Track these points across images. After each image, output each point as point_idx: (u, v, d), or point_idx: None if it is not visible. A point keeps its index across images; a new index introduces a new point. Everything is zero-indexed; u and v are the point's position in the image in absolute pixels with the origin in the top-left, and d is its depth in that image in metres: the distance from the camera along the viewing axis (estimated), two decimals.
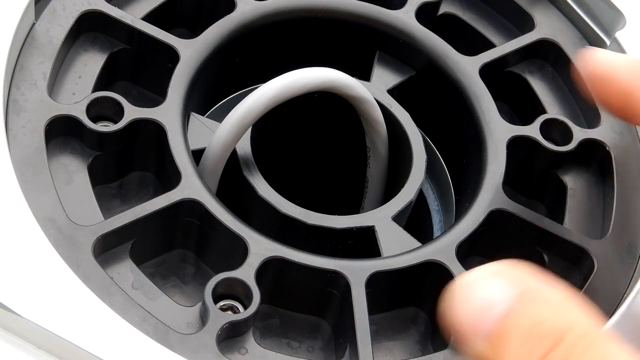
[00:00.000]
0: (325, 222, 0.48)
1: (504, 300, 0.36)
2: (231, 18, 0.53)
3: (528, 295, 0.36)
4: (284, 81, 0.48)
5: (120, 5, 0.52)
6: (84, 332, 0.39)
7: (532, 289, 0.36)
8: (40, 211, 0.43)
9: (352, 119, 0.53)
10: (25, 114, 0.46)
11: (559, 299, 0.36)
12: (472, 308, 0.36)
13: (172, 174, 0.46)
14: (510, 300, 0.35)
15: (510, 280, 0.36)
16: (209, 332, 0.41)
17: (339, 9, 0.55)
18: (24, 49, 0.48)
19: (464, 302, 0.36)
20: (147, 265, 0.46)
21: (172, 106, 0.48)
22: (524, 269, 0.37)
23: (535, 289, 0.36)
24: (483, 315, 0.36)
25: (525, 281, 0.36)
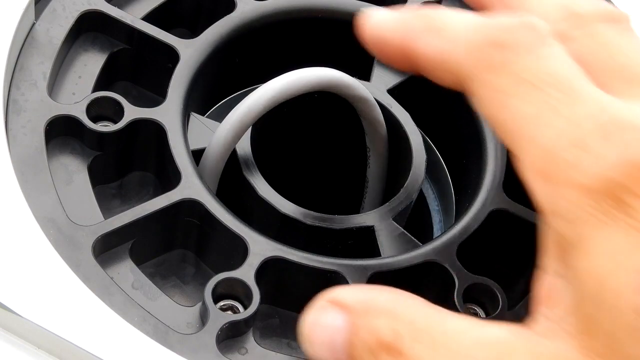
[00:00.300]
0: (325, 222, 0.48)
1: (342, 327, 0.37)
2: (231, 18, 0.53)
3: (358, 312, 0.37)
4: (284, 81, 0.48)
5: (120, 5, 0.52)
6: (84, 332, 0.39)
7: (360, 304, 0.37)
8: (40, 211, 0.43)
9: (352, 119, 0.53)
10: (25, 114, 0.46)
11: (384, 302, 0.37)
12: (323, 347, 0.38)
13: (172, 174, 0.46)
14: (346, 324, 0.37)
15: (340, 305, 0.37)
16: (209, 332, 0.41)
17: (339, 9, 0.55)
18: (24, 49, 0.48)
19: (313, 345, 0.38)
20: (147, 265, 0.46)
21: (172, 106, 0.48)
22: (347, 289, 0.38)
23: (361, 302, 0.37)
24: (334, 351, 0.37)
25: (352, 299, 0.37)
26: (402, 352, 0.35)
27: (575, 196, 0.33)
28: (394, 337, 0.36)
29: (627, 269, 0.32)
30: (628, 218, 0.32)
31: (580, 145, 0.34)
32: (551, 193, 0.34)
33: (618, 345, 0.32)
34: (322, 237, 0.48)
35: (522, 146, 0.36)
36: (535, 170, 0.35)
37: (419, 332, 0.35)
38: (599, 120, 0.34)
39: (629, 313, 0.32)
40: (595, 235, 0.33)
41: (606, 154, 0.33)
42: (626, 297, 0.32)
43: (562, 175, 0.34)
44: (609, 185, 0.33)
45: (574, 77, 0.36)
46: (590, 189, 0.33)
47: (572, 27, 0.38)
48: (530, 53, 0.36)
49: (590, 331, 0.33)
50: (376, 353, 0.36)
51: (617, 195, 0.32)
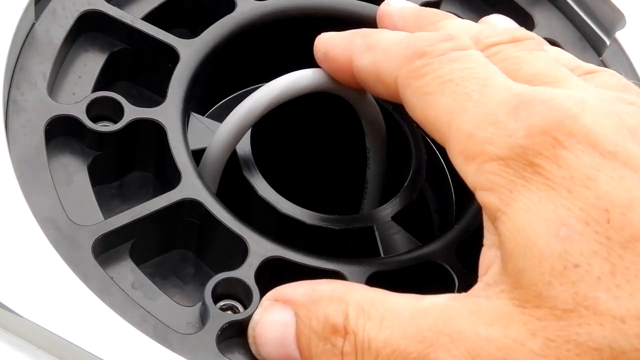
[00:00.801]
0: (325, 222, 0.48)
1: (290, 322, 0.40)
2: (231, 18, 0.53)
3: (304, 304, 0.40)
4: (285, 82, 0.48)
5: (120, 5, 0.52)
6: (83, 332, 0.39)
7: (304, 296, 0.40)
8: (40, 211, 0.43)
9: (352, 119, 0.53)
10: (25, 114, 0.46)
11: (329, 291, 0.40)
12: (272, 346, 0.40)
13: (172, 174, 0.46)
14: (293, 318, 0.40)
15: (284, 301, 0.40)
16: (209, 332, 0.41)
17: (339, 8, 0.55)
18: (23, 49, 0.48)
19: (264, 345, 0.40)
20: (147, 265, 0.46)
21: (172, 106, 0.48)
22: (288, 286, 0.41)
23: (305, 295, 0.40)
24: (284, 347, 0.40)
25: (294, 293, 0.40)
26: (354, 331, 0.38)
27: (493, 167, 0.37)
28: (345, 320, 0.38)
29: (544, 220, 0.35)
30: (540, 177, 0.36)
31: (494, 123, 0.38)
32: (474, 170, 0.38)
33: (547, 291, 0.35)
34: (322, 237, 0.48)
35: (448, 136, 0.40)
36: (459, 154, 0.39)
37: (367, 311, 0.38)
38: (509, 101, 0.38)
39: (553, 258, 0.35)
40: (514, 197, 0.37)
41: (516, 126, 0.37)
42: (547, 245, 0.35)
43: (480, 152, 0.38)
44: (520, 152, 0.37)
45: (488, 71, 0.40)
46: (504, 157, 0.37)
47: (485, 53, 0.42)
48: (450, 57, 0.41)
49: (520, 284, 0.36)
50: (328, 338, 0.38)
51: (528, 159, 0.36)
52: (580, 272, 0.35)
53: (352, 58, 0.46)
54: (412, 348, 0.37)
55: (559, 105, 0.37)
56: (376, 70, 0.44)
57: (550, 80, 0.41)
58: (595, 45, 0.57)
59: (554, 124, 0.37)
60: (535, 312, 0.35)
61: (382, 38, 0.45)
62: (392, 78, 0.43)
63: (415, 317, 0.38)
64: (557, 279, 0.35)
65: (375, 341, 0.37)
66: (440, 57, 0.41)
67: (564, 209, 0.36)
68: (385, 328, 0.38)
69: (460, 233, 0.48)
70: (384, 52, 0.44)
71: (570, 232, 0.35)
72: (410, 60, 0.42)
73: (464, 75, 0.40)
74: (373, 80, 0.45)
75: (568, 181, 0.36)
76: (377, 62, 0.44)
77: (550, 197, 0.36)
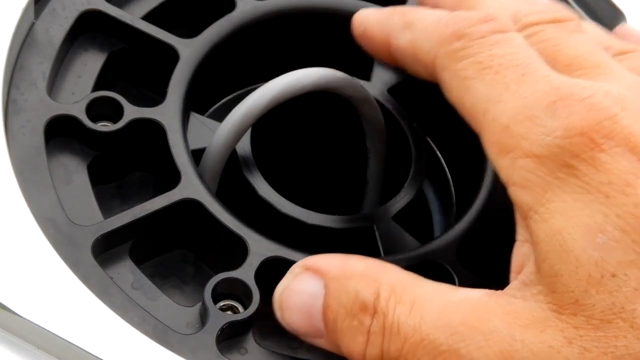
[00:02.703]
0: (325, 222, 0.48)
1: (319, 292, 0.40)
2: (231, 18, 0.53)
3: (335, 276, 0.40)
4: (285, 81, 0.48)
5: (120, 5, 0.52)
6: (83, 332, 0.39)
7: (336, 269, 0.40)
8: (40, 211, 0.43)
9: (352, 119, 0.53)
10: (25, 113, 0.46)
11: (362, 267, 0.40)
12: (297, 313, 0.40)
13: (172, 174, 0.46)
14: (323, 289, 0.39)
15: (315, 271, 0.40)
16: (209, 332, 0.41)
17: (339, 8, 0.55)
18: (23, 49, 0.48)
19: (288, 311, 0.41)
20: (147, 265, 0.46)
21: (172, 106, 0.48)
22: (321, 256, 0.41)
23: (338, 267, 0.40)
24: (309, 316, 0.40)
25: (327, 265, 0.40)
26: (384, 312, 0.38)
27: (527, 164, 0.37)
28: (375, 299, 0.38)
29: (580, 224, 0.35)
30: (576, 180, 0.35)
31: (531, 117, 0.37)
32: (509, 165, 0.38)
33: (584, 299, 0.35)
34: (323, 236, 0.48)
35: (483, 124, 0.39)
36: (494, 145, 0.39)
37: (399, 294, 0.38)
38: (547, 95, 0.37)
39: (589, 265, 0.35)
40: (548, 198, 0.36)
41: (553, 124, 0.36)
42: (583, 251, 0.35)
43: (515, 146, 0.37)
44: (557, 152, 0.36)
45: (528, 59, 0.39)
46: (539, 156, 0.36)
47: (523, 33, 0.42)
48: (490, 41, 0.40)
49: (554, 287, 0.35)
50: (356, 315, 0.38)
51: (565, 160, 0.36)
52: (618, 282, 0.34)
53: (389, 36, 0.45)
54: (443, 340, 0.36)
55: (597, 104, 0.36)
56: (414, 49, 0.44)
57: (590, 66, 0.40)
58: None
59: (592, 125, 0.36)
60: (571, 319, 0.35)
61: (420, 16, 0.44)
62: (430, 58, 0.42)
63: (447, 308, 0.37)
64: (594, 287, 0.35)
65: (405, 326, 0.37)
66: (479, 40, 0.40)
67: (601, 214, 0.35)
68: (416, 314, 0.37)
69: (460, 233, 0.48)
70: (422, 31, 0.43)
71: (608, 239, 0.35)
72: (448, 41, 0.41)
73: (504, 62, 0.39)
74: (411, 60, 0.44)
75: (605, 186, 0.35)
76: (415, 40, 0.43)
77: (587, 201, 0.35)
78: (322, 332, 0.40)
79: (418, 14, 0.45)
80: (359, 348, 0.38)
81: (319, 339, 0.40)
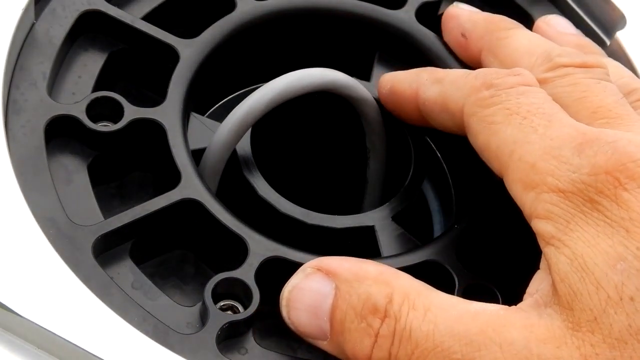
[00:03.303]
0: (325, 222, 0.48)
1: (328, 293, 0.40)
2: (231, 18, 0.53)
3: (347, 279, 0.40)
4: (285, 81, 0.48)
5: (120, 5, 0.52)
6: (83, 332, 0.39)
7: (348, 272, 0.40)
8: (40, 211, 0.43)
9: (352, 119, 0.53)
10: (25, 114, 0.46)
11: (376, 272, 0.40)
12: (304, 312, 0.41)
13: (172, 174, 0.46)
14: (333, 290, 0.40)
15: (327, 272, 0.41)
16: (209, 332, 0.41)
17: (339, 9, 0.55)
18: (23, 49, 0.48)
19: (295, 309, 0.41)
20: (147, 265, 0.46)
21: (172, 106, 0.48)
22: (334, 258, 0.41)
23: (350, 270, 0.40)
24: (316, 316, 0.40)
25: (340, 267, 0.41)
26: (395, 316, 0.38)
27: (552, 198, 0.39)
28: (388, 303, 0.39)
29: (601, 252, 0.37)
30: (598, 214, 0.38)
31: (558, 157, 0.39)
32: (533, 199, 0.40)
33: (602, 318, 0.36)
34: (323, 237, 0.48)
35: (509, 164, 0.41)
36: (519, 182, 0.40)
37: (412, 300, 0.39)
38: (574, 138, 0.40)
39: (609, 288, 0.36)
40: (571, 228, 0.38)
41: (580, 162, 0.39)
42: (604, 274, 0.37)
43: (541, 182, 0.39)
44: (582, 188, 0.38)
45: (553, 109, 0.42)
46: (565, 191, 0.39)
47: (553, 73, 0.45)
48: (518, 91, 0.43)
49: (571, 306, 0.37)
50: (365, 317, 0.39)
51: (589, 195, 0.38)
52: (636, 306, 0.36)
53: (418, 91, 0.48)
54: (457, 348, 0.37)
55: (623, 148, 0.39)
56: (443, 101, 0.46)
57: (614, 117, 0.42)
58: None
59: (618, 166, 0.38)
60: (588, 337, 0.36)
61: (449, 72, 0.47)
62: (459, 107, 0.44)
63: (463, 317, 0.38)
64: (612, 307, 0.36)
65: (417, 332, 0.38)
66: (508, 90, 0.43)
67: (622, 245, 0.37)
68: (429, 321, 0.38)
69: (460, 233, 0.48)
70: (451, 84, 0.46)
71: (627, 267, 0.36)
72: (478, 90, 0.44)
73: (531, 109, 0.42)
74: (438, 110, 0.47)
75: (627, 222, 0.37)
76: (444, 92, 0.46)
77: (608, 233, 0.37)
78: (326, 334, 0.40)
79: (447, 71, 0.48)
80: (365, 350, 0.39)
81: (322, 341, 0.41)
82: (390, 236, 0.49)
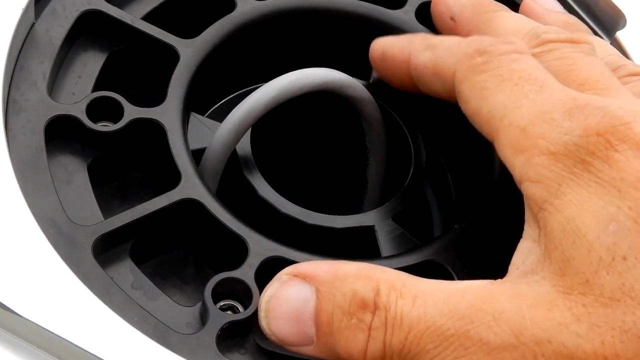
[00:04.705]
0: (325, 222, 0.48)
1: (309, 297, 0.40)
2: (231, 18, 0.53)
3: (327, 280, 0.40)
4: (285, 81, 0.48)
5: (120, 5, 0.52)
6: (83, 332, 0.39)
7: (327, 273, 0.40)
8: (40, 211, 0.43)
9: (352, 119, 0.53)
10: (25, 114, 0.46)
11: (356, 269, 0.40)
12: (285, 321, 0.40)
13: (172, 174, 0.46)
14: (314, 294, 0.40)
15: (304, 276, 0.40)
16: (209, 332, 0.41)
17: (339, 8, 0.55)
18: (23, 49, 0.48)
19: (275, 319, 0.40)
20: (147, 265, 0.46)
21: (172, 106, 0.48)
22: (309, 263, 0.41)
23: (329, 272, 0.40)
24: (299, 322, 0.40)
25: (317, 270, 0.40)
26: (385, 307, 0.38)
27: (543, 161, 0.39)
28: (375, 296, 0.38)
29: (593, 214, 0.37)
30: (590, 175, 0.38)
31: (549, 120, 0.40)
32: (524, 162, 0.40)
33: (594, 279, 0.37)
34: (323, 236, 0.48)
35: (499, 129, 0.41)
36: (510, 147, 0.40)
37: (399, 289, 0.39)
38: (565, 103, 0.40)
39: (601, 249, 0.37)
40: (563, 190, 0.38)
41: (571, 125, 0.39)
42: (596, 236, 0.37)
43: (531, 145, 0.39)
44: (573, 149, 0.39)
45: (544, 75, 0.42)
46: (556, 153, 0.39)
47: (540, 49, 0.45)
48: (510, 58, 0.43)
49: (565, 272, 0.37)
50: (355, 313, 0.38)
51: (580, 157, 0.38)
52: (628, 265, 0.36)
53: (410, 56, 0.48)
54: (450, 325, 0.37)
55: (613, 112, 0.39)
56: (434, 66, 0.46)
57: (601, 88, 0.42)
58: None
59: (609, 128, 0.38)
60: (580, 298, 0.37)
61: (442, 39, 0.47)
62: (450, 72, 0.44)
63: (452, 296, 0.38)
64: (604, 268, 0.36)
65: (408, 317, 0.38)
66: (500, 57, 0.43)
67: (614, 206, 0.37)
68: (419, 306, 0.38)
69: (460, 233, 0.47)
70: (444, 50, 0.46)
71: (620, 227, 0.37)
72: (471, 57, 0.44)
73: (523, 75, 0.42)
74: (430, 75, 0.46)
75: (618, 182, 0.37)
76: (436, 58, 0.46)
77: (600, 194, 0.38)
78: (312, 339, 0.40)
79: (439, 37, 0.48)
80: (359, 346, 0.39)
81: (307, 346, 0.40)
82: (390, 236, 0.49)
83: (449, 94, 0.45)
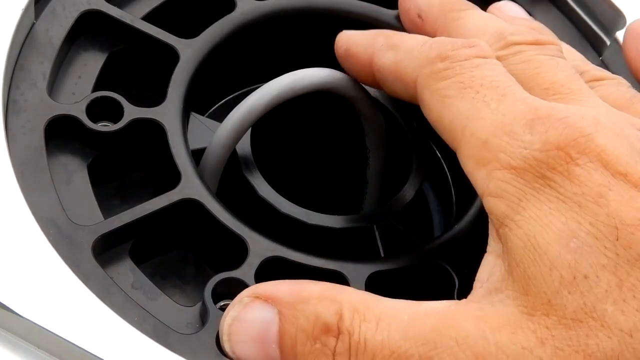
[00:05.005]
0: (325, 222, 0.48)
1: (272, 320, 0.38)
2: (231, 18, 0.53)
3: (290, 302, 0.39)
4: (285, 81, 0.48)
5: (120, 5, 0.52)
6: (83, 332, 0.39)
7: (289, 294, 0.39)
8: (40, 211, 0.43)
9: (352, 119, 0.53)
10: (25, 114, 0.46)
11: (319, 290, 0.39)
12: (249, 344, 0.39)
13: (172, 174, 0.46)
14: (276, 316, 0.38)
15: (266, 298, 0.39)
16: (209, 332, 0.41)
17: (339, 8, 0.55)
18: (23, 49, 0.48)
19: (239, 342, 0.39)
20: (147, 265, 0.46)
21: (172, 106, 0.48)
22: (270, 283, 0.40)
23: (291, 293, 0.39)
24: (263, 346, 0.39)
25: (278, 291, 0.39)
26: (349, 331, 0.37)
27: (504, 175, 0.38)
28: (339, 320, 0.37)
29: (554, 230, 0.36)
30: (551, 190, 0.37)
31: (509, 133, 0.39)
32: (485, 176, 0.39)
33: (556, 299, 0.36)
34: (322, 236, 0.48)
35: (461, 140, 0.40)
36: (471, 158, 0.40)
37: (362, 312, 0.38)
38: (525, 114, 0.39)
39: (562, 267, 0.36)
40: (523, 206, 0.37)
41: (531, 139, 0.38)
42: (557, 254, 0.36)
43: (493, 159, 0.39)
44: (533, 164, 0.38)
45: (507, 82, 0.41)
46: (517, 168, 0.38)
47: (505, 51, 0.44)
48: (472, 64, 0.42)
49: (527, 290, 0.36)
50: (318, 337, 0.38)
51: (541, 172, 0.38)
52: (589, 283, 0.35)
53: (373, 56, 0.47)
54: (414, 350, 0.36)
55: (574, 124, 0.38)
56: (397, 69, 0.45)
57: (566, 92, 0.42)
58: (595, 45, 0.57)
59: (569, 141, 0.37)
60: (543, 320, 0.36)
61: (405, 39, 0.46)
62: (412, 78, 0.43)
63: (415, 319, 0.37)
64: (566, 287, 0.36)
65: (372, 342, 0.37)
66: (462, 62, 0.42)
67: (575, 222, 0.36)
68: (383, 330, 0.37)
69: (460, 233, 0.48)
70: (406, 53, 0.45)
71: (581, 244, 0.36)
72: (432, 62, 0.43)
73: (484, 82, 0.41)
74: (392, 79, 0.45)
75: (579, 197, 0.37)
76: (398, 61, 0.45)
77: (561, 209, 0.37)
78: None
79: (403, 37, 0.46)
80: None
81: None
82: (390, 236, 0.49)
83: (412, 98, 0.44)
